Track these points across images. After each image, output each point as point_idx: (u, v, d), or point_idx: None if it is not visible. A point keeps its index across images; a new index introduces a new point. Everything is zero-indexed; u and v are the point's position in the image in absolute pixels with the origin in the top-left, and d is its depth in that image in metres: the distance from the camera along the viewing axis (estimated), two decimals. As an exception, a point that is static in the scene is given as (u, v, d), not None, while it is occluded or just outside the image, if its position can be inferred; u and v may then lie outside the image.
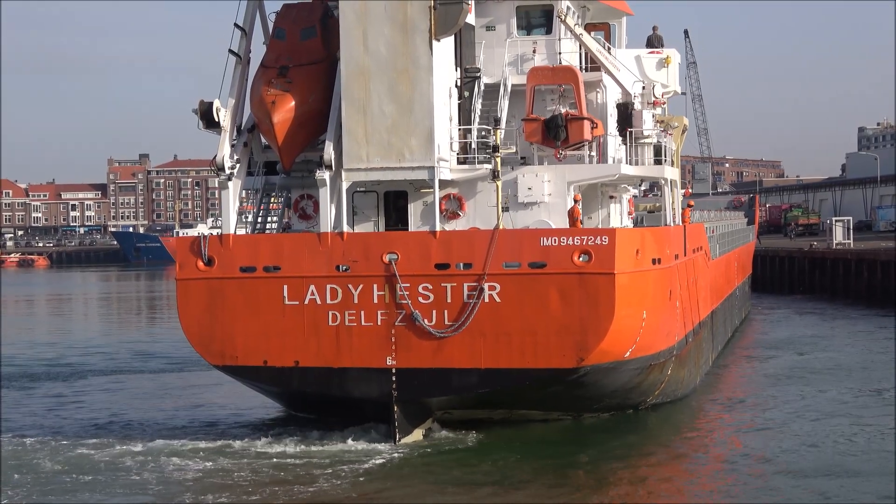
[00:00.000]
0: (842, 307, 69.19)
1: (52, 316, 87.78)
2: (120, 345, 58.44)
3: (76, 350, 56.01)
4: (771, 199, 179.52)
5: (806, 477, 26.35)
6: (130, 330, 73.03)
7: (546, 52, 34.04)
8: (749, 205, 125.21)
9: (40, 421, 35.17)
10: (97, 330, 71.19)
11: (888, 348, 48.67)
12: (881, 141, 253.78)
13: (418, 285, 29.39)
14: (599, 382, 30.63)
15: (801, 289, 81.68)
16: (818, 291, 78.63)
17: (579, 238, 29.00)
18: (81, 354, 53.83)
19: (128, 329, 73.71)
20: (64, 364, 50.02)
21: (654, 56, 38.42)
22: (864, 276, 72.91)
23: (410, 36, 29.68)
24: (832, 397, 36.94)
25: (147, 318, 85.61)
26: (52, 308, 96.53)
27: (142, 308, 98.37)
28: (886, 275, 69.87)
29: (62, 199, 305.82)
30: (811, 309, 69.74)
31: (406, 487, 26.21)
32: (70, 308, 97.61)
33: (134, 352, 54.72)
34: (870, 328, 57.63)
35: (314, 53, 31.61)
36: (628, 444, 30.54)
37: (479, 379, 29.45)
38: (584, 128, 31.45)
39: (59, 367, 48.63)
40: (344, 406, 30.85)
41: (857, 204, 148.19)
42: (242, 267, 30.36)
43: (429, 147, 29.85)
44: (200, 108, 31.16)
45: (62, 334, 67.08)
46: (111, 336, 65.19)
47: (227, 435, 31.49)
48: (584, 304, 28.83)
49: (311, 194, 32.96)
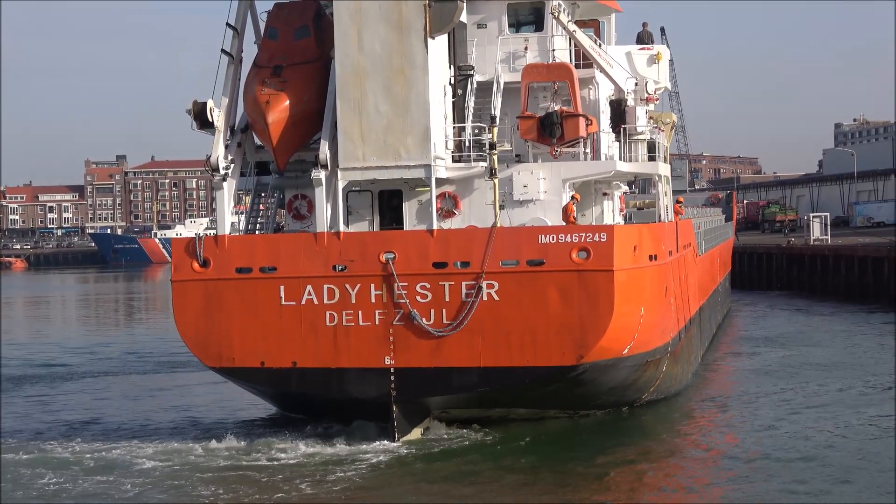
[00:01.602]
0: (819, 303, 69.53)
1: (32, 319, 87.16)
2: (103, 346, 58.08)
3: (63, 351, 55.75)
4: (748, 195, 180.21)
5: (802, 473, 26.44)
6: (114, 331, 72.49)
7: (538, 49, 33.98)
8: (726, 201, 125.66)
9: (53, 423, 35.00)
10: (80, 332, 70.72)
11: (873, 344, 49.04)
12: (857, 137, 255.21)
13: (416, 284, 29.28)
14: (598, 380, 30.59)
15: (778, 285, 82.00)
16: (796, 288, 78.94)
17: (577, 235, 28.94)
18: (69, 356, 53.56)
19: (111, 330, 73.17)
20: (57, 365, 49.89)
21: (645, 52, 38.38)
22: (842, 273, 73.22)
23: (405, 34, 29.57)
24: (821, 392, 37.11)
25: (130, 320, 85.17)
26: (32, 310, 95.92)
27: (119, 309, 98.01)
28: (864, 271, 70.23)
29: (39, 202, 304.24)
30: (789, 305, 69.98)
31: (406, 486, 26.17)
32: (49, 310, 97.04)
33: (118, 353, 54.42)
34: (848, 324, 57.89)
35: (307, 53, 31.48)
36: (626, 441, 30.51)
37: (479, 378, 29.37)
38: (579, 125, 31.41)
39: (47, 369, 48.41)
40: (341, 406, 30.68)
41: (834, 200, 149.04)
42: (238, 268, 30.17)
43: (425, 146, 29.75)
44: (194, 109, 30.93)
45: (43, 336, 66.69)
46: (95, 337, 64.70)
47: (220, 435, 31.22)
48: (584, 301, 28.78)
49: (304, 194, 32.84)
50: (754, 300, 75.15)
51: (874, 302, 65.88)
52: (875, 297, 66.75)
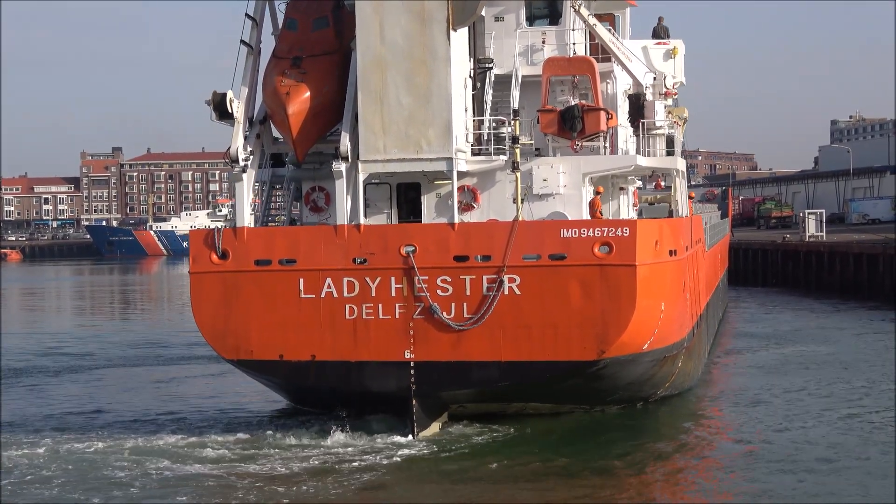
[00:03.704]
0: (817, 300, 69.58)
1: (28, 310, 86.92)
2: (100, 338, 58.09)
3: (60, 343, 55.64)
4: (744, 191, 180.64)
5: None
6: (109, 323, 72.38)
7: (556, 42, 33.84)
8: (722, 197, 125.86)
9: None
10: (76, 322, 70.64)
11: (872, 340, 49.11)
12: (854, 134, 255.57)
13: (437, 278, 29.09)
14: (617, 374, 30.45)
15: (773, 281, 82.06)
16: (791, 284, 79.00)
17: (600, 230, 28.80)
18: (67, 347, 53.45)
19: (107, 322, 73.05)
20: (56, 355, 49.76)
21: (661, 47, 38.32)
22: (837, 269, 73.30)
23: (428, 26, 29.36)
24: (834, 390, 36.99)
25: (127, 311, 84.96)
26: (34, 301, 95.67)
27: (114, 301, 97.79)
28: (859, 267, 70.31)
29: (35, 193, 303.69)
30: (785, 301, 70.01)
31: (429, 483, 25.82)
32: (44, 301, 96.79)
33: (123, 345, 54.29)
34: (852, 320, 57.82)
35: (327, 44, 31.26)
36: (643, 439, 30.22)
37: (499, 372, 29.19)
38: (600, 119, 31.24)
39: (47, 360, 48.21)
40: (360, 400, 30.50)
41: (829, 197, 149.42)
42: (257, 260, 29.93)
43: (447, 138, 29.57)
44: (214, 100, 30.65)
45: (38, 327, 66.49)
46: (91, 329, 64.57)
47: (239, 428, 31.03)
48: (606, 295, 28.62)
49: (322, 186, 32.64)
50: (750, 296, 75.20)
51: (869, 299, 65.95)
52: (870, 294, 66.86)
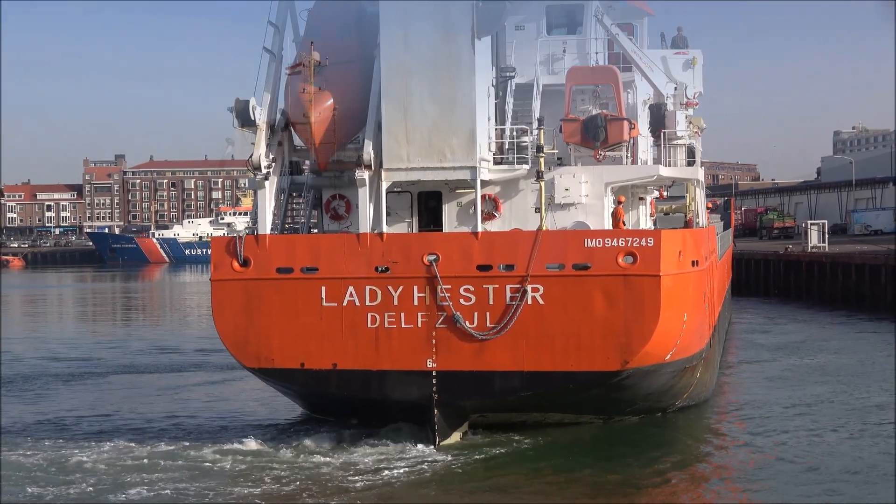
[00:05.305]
0: (818, 310, 69.54)
1: (30, 316, 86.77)
2: (106, 345, 57.98)
3: (63, 349, 55.54)
4: (746, 202, 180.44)
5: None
6: (112, 329, 72.21)
7: (577, 52, 33.85)
8: (724, 208, 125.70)
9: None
10: (78, 330, 70.48)
11: (877, 353, 49.00)
12: (856, 145, 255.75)
13: (460, 287, 28.99)
14: (638, 385, 30.35)
15: (775, 292, 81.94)
16: (793, 295, 78.90)
17: (624, 240, 28.71)
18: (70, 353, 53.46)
19: (110, 328, 72.87)
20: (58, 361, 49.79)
21: (681, 57, 38.38)
22: (839, 280, 73.22)
23: (452, 35, 29.34)
24: (845, 400, 36.95)
25: (134, 320, 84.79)
26: (30, 308, 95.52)
27: (117, 309, 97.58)
28: (861, 278, 70.26)
29: (37, 200, 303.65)
30: (788, 312, 69.91)
31: (450, 494, 25.73)
32: (46, 307, 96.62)
33: (134, 351, 54.25)
34: (857, 332, 57.72)
35: (350, 52, 31.24)
36: (664, 447, 30.19)
37: (522, 382, 29.07)
38: (623, 128, 31.25)
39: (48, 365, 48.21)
40: (381, 409, 30.38)
41: (832, 208, 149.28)
42: (279, 268, 29.85)
43: (471, 147, 29.53)
44: (237, 107, 30.57)
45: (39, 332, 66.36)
46: (95, 336, 64.42)
47: (243, 438, 30.83)
48: (629, 306, 28.52)
49: (343, 194, 32.59)
50: (753, 307, 75.10)
51: (871, 310, 65.87)
52: (872, 305, 66.80)
